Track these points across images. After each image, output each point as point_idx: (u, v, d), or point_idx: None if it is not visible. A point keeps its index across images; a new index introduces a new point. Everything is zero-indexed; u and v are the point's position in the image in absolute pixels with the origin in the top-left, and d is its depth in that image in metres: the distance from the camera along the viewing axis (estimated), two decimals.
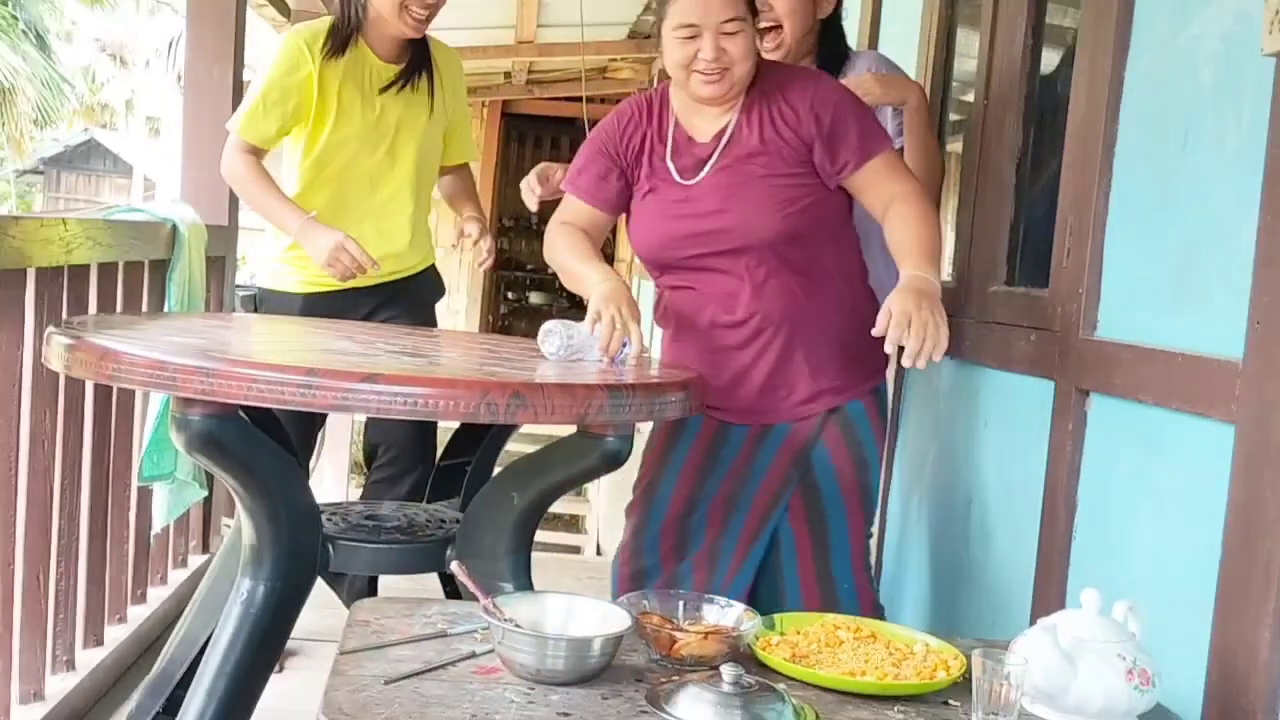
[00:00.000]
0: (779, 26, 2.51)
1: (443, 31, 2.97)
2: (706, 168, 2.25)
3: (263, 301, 2.96)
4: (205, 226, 3.22)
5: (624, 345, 2.07)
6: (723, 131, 2.26)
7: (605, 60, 9.18)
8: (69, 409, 2.55)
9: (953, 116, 3.11)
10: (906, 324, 1.91)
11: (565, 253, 2.28)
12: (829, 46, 2.61)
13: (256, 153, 2.80)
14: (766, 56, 2.48)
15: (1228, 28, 1.76)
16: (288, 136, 2.82)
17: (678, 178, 2.27)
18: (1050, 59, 2.58)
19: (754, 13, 2.20)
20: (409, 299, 2.95)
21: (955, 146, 3.08)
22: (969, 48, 2.97)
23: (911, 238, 2.12)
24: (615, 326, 2.03)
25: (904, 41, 3.33)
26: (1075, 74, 2.21)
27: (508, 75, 10.08)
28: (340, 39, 2.75)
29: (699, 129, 2.30)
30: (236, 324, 2.61)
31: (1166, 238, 1.89)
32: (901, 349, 1.92)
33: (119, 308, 2.85)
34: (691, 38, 2.13)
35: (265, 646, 2.00)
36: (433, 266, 3.07)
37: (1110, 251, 2.06)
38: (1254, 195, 1.63)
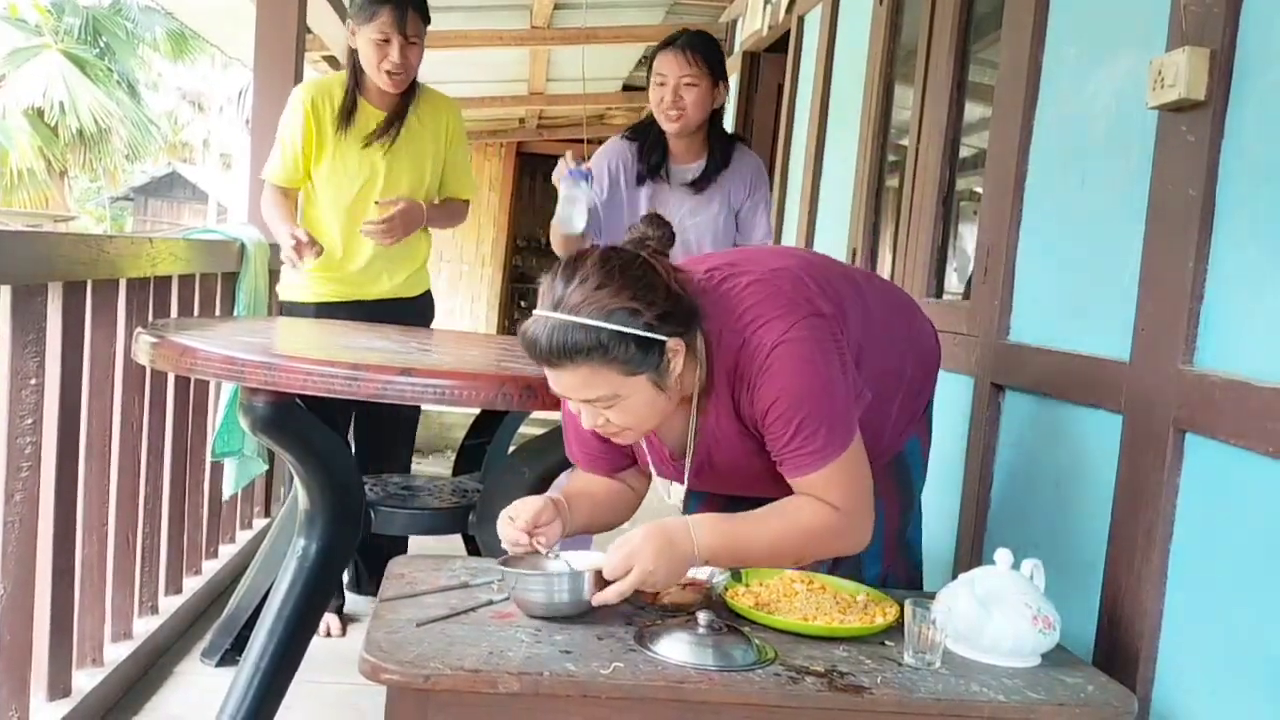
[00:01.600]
0: (685, 111, 2.58)
1: (469, 85, 2.94)
2: (685, 479, 1.64)
3: (284, 310, 2.88)
4: (268, 244, 3.21)
5: None
6: (690, 441, 1.59)
7: (603, 109, 9.17)
8: (154, 396, 2.54)
9: (890, 158, 3.12)
10: (625, 571, 1.44)
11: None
12: (716, 131, 2.70)
13: (286, 193, 2.75)
14: (668, 128, 2.61)
15: (1119, 85, 1.77)
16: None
17: (667, 496, 1.70)
18: (971, 111, 2.59)
19: (636, 373, 1.43)
20: (404, 319, 2.80)
21: (892, 182, 3.08)
22: (905, 101, 2.98)
23: (762, 523, 1.52)
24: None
25: (851, 95, 3.33)
26: (992, 122, 2.22)
27: (522, 120, 10.08)
28: (351, 107, 2.68)
29: (665, 434, 1.62)
30: (293, 327, 2.60)
31: (1067, 259, 1.90)
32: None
33: (196, 312, 2.83)
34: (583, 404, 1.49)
35: (317, 593, 2.00)
36: (427, 293, 2.95)
37: (1021, 270, 2.06)
38: (1140, 224, 1.64)
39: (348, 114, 2.69)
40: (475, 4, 5.48)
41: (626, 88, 8.25)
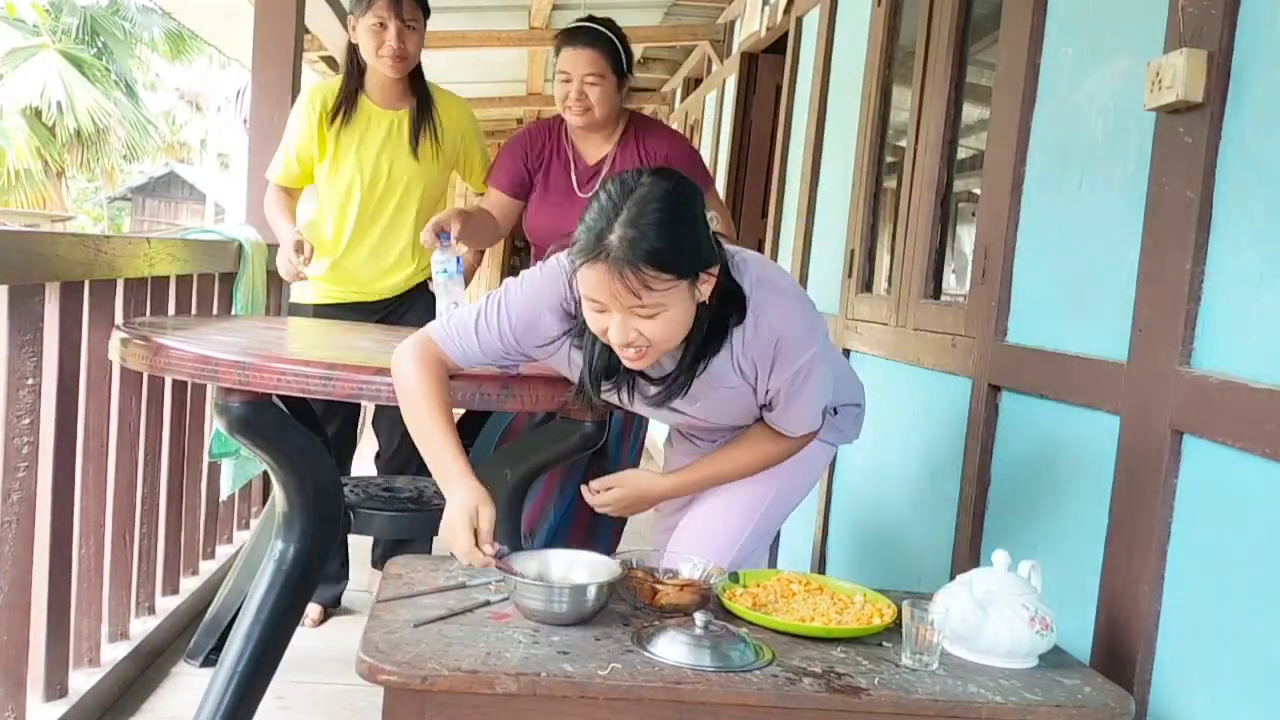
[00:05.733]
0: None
1: (466, 85, 2.95)
2: (595, 183, 2.50)
3: (291, 311, 2.98)
4: (266, 245, 3.21)
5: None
6: (604, 159, 2.61)
7: None
8: (151, 396, 2.54)
9: (888, 159, 3.12)
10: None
11: None
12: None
13: (289, 192, 2.82)
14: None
15: (1116, 87, 1.77)
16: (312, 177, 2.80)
17: (577, 190, 2.61)
18: (970, 112, 2.59)
19: (620, 74, 2.54)
20: (408, 317, 2.80)
21: (890, 183, 3.08)
22: (903, 102, 2.97)
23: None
24: None
25: (849, 96, 3.33)
26: (990, 124, 2.22)
27: (519, 121, 10.07)
28: (348, 100, 2.72)
29: (588, 154, 2.63)
30: (278, 326, 2.58)
31: (1065, 260, 1.90)
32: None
33: (193, 312, 2.83)
34: (565, 81, 2.51)
35: (294, 596, 1.98)
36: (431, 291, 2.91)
37: (1019, 271, 2.06)
38: (1137, 226, 1.64)
39: (346, 111, 2.72)
40: (473, 4, 5.48)
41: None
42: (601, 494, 1.89)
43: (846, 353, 3.01)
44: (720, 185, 5.48)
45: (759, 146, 5.13)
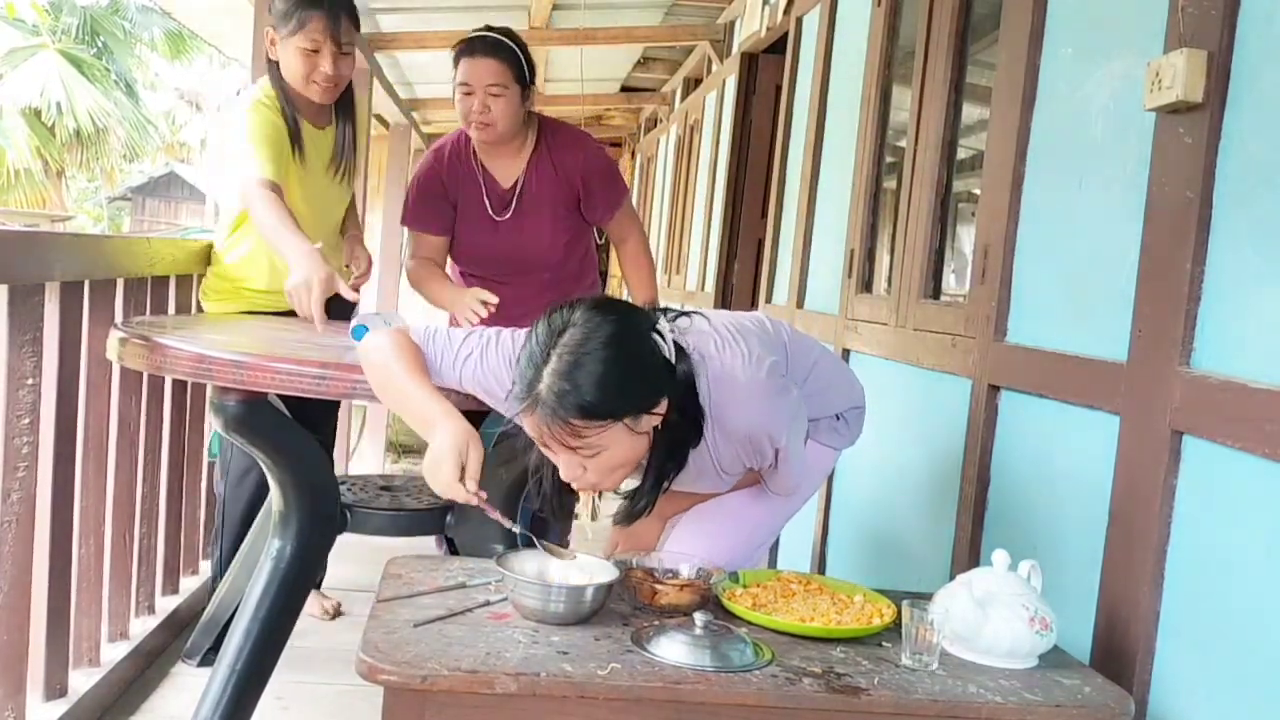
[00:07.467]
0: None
1: None
2: (510, 211, 2.54)
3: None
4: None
5: None
6: (517, 181, 2.57)
7: (601, 109, 9.17)
8: (151, 396, 2.54)
9: (888, 159, 3.12)
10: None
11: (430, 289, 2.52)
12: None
13: (278, 190, 2.44)
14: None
15: (1116, 87, 1.77)
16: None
17: (493, 216, 2.56)
18: (969, 112, 2.59)
19: (524, 84, 2.51)
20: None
21: (890, 183, 3.08)
22: (903, 102, 2.97)
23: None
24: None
25: (849, 96, 3.33)
26: (990, 124, 2.21)
27: None
28: (297, 128, 2.47)
29: (500, 176, 2.57)
30: (272, 326, 2.58)
31: (1065, 260, 1.90)
32: None
33: (193, 312, 2.83)
34: (467, 94, 2.45)
35: (291, 595, 1.98)
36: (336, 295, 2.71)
37: (1019, 271, 2.06)
38: (1137, 226, 1.64)
39: (295, 138, 2.46)
40: (473, 4, 5.48)
41: (625, 89, 8.25)
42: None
43: (846, 354, 3.01)
44: (720, 185, 5.48)
45: (759, 146, 5.13)
